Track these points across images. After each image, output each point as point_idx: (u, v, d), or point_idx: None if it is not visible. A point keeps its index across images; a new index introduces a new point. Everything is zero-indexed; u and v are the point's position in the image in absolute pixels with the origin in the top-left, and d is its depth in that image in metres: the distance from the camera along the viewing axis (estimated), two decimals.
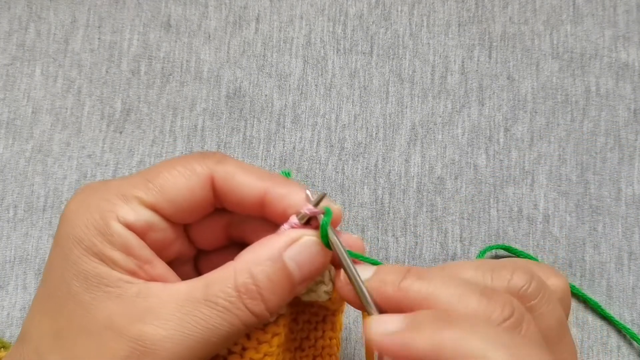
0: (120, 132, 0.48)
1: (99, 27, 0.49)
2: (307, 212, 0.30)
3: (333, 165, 0.47)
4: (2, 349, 0.41)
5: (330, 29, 0.49)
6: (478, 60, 0.49)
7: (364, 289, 0.28)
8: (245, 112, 0.48)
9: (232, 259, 0.30)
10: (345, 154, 0.47)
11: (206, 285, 0.29)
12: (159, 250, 0.31)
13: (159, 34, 0.49)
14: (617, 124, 0.48)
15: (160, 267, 0.30)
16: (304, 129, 0.48)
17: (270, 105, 0.48)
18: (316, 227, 0.30)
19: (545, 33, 0.49)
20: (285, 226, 0.30)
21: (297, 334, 0.36)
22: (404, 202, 0.46)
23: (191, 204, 0.31)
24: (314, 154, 0.47)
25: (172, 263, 0.32)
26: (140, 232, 0.30)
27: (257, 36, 0.49)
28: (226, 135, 0.48)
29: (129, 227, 0.29)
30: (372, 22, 0.49)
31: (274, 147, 0.47)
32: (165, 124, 0.48)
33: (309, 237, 0.30)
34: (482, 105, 0.48)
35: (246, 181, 0.31)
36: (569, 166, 0.47)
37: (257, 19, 0.50)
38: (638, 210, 0.46)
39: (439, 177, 0.47)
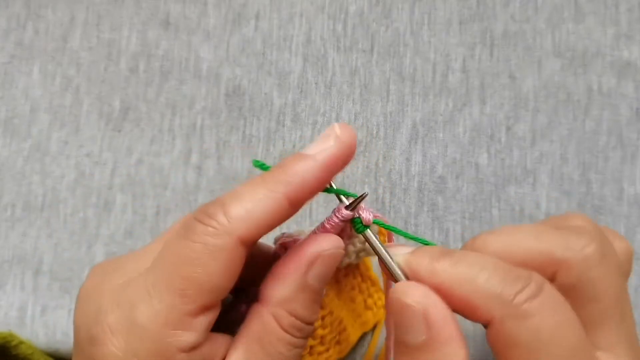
0: (119, 131, 0.47)
1: (97, 25, 0.49)
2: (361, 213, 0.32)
3: None
4: (21, 344, 0.41)
5: (331, 27, 0.49)
6: (479, 59, 0.48)
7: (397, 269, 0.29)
8: (244, 111, 0.48)
9: None
10: None
11: (257, 343, 0.29)
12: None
13: (157, 32, 0.49)
14: (619, 123, 0.47)
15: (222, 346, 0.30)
16: (304, 127, 0.47)
17: (269, 103, 0.48)
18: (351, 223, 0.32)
19: (547, 31, 0.49)
20: (332, 220, 0.32)
21: (342, 291, 0.38)
22: (404, 202, 0.46)
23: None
24: None
25: None
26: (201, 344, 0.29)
27: (256, 34, 0.49)
28: (225, 133, 0.47)
29: (193, 348, 0.28)
30: (373, 20, 0.49)
31: (273, 145, 0.47)
32: (164, 123, 0.47)
33: (332, 251, 0.30)
34: (484, 103, 0.47)
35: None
36: (571, 165, 0.47)
37: (257, 16, 0.49)
38: None
39: (440, 176, 0.46)
